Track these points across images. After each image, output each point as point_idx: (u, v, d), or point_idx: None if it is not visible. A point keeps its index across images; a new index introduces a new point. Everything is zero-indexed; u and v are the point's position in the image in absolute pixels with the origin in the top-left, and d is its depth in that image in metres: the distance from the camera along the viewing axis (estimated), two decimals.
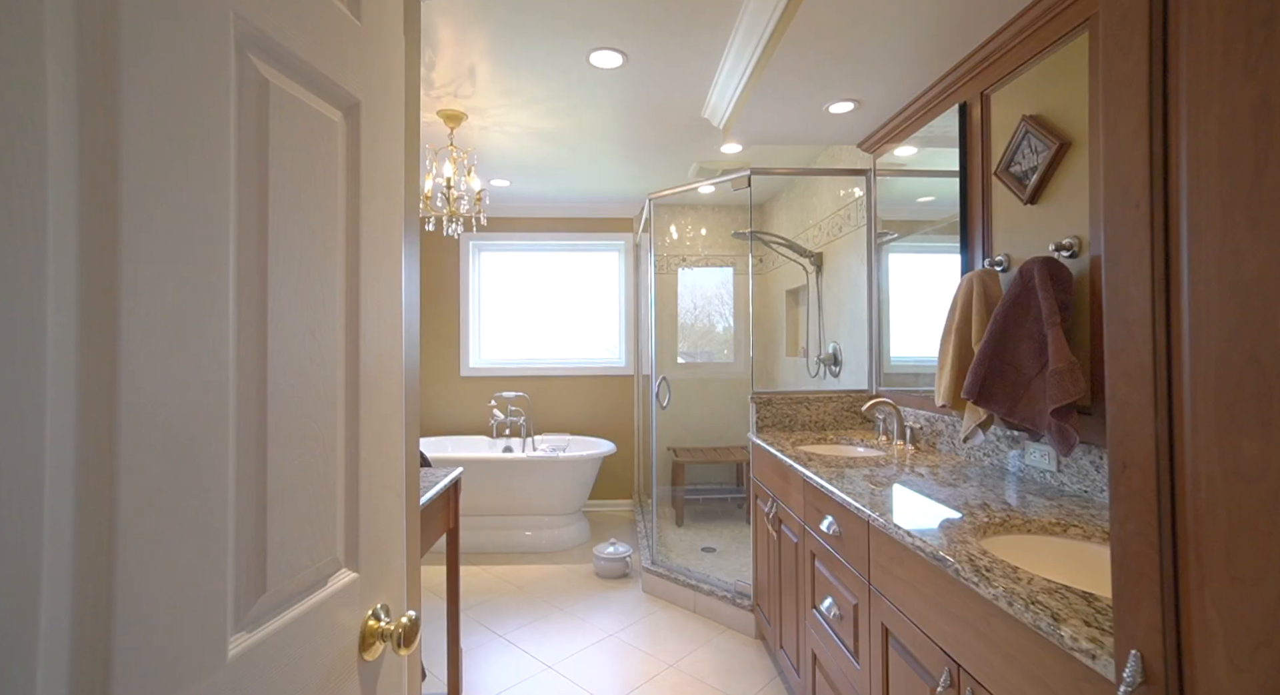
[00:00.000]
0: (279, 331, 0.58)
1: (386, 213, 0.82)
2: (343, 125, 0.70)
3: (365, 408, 0.76)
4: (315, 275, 0.64)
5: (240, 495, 0.52)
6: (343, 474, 0.70)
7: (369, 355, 0.77)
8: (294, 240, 0.60)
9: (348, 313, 0.72)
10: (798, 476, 1.81)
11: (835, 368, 2.96)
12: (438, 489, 1.76)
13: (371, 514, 0.77)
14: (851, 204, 2.78)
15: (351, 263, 0.72)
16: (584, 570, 3.14)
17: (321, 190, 0.65)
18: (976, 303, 1.60)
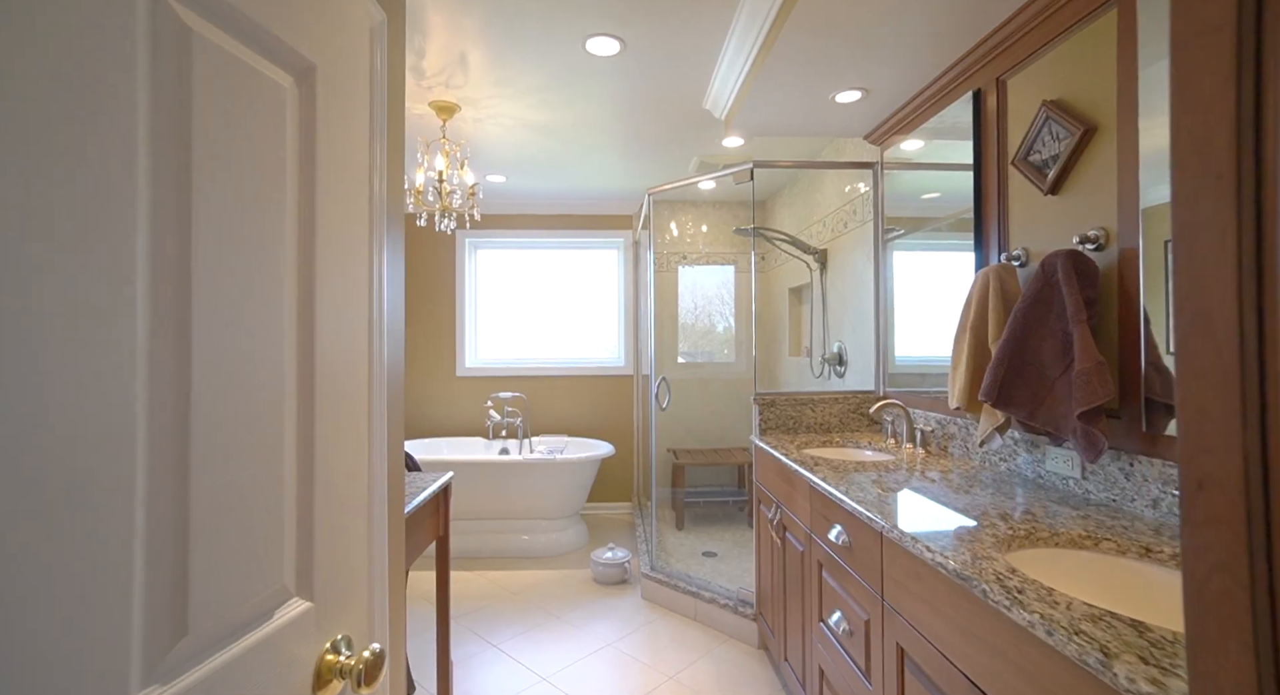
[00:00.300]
0: (207, 330, 0.49)
1: (350, 197, 0.74)
2: (294, 93, 0.61)
3: (323, 414, 0.67)
4: (257, 266, 0.56)
5: (152, 522, 0.44)
6: (293, 490, 0.61)
7: (328, 357, 0.69)
8: (227, 225, 0.52)
9: (301, 309, 0.63)
10: (804, 482, 1.73)
11: (840, 368, 2.87)
12: (424, 496, 1.68)
13: (330, 533, 0.68)
14: (857, 199, 2.69)
15: (305, 253, 0.64)
16: (581, 576, 3.06)
17: (265, 167, 0.57)
18: (993, 299, 1.51)
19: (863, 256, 2.62)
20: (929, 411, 2.03)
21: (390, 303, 1.39)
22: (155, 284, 0.44)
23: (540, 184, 3.76)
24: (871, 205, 2.51)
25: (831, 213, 3.00)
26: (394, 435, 1.40)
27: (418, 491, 1.71)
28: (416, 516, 1.71)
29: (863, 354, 2.62)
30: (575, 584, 2.96)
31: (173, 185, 0.46)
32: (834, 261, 2.97)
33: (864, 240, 2.61)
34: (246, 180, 0.54)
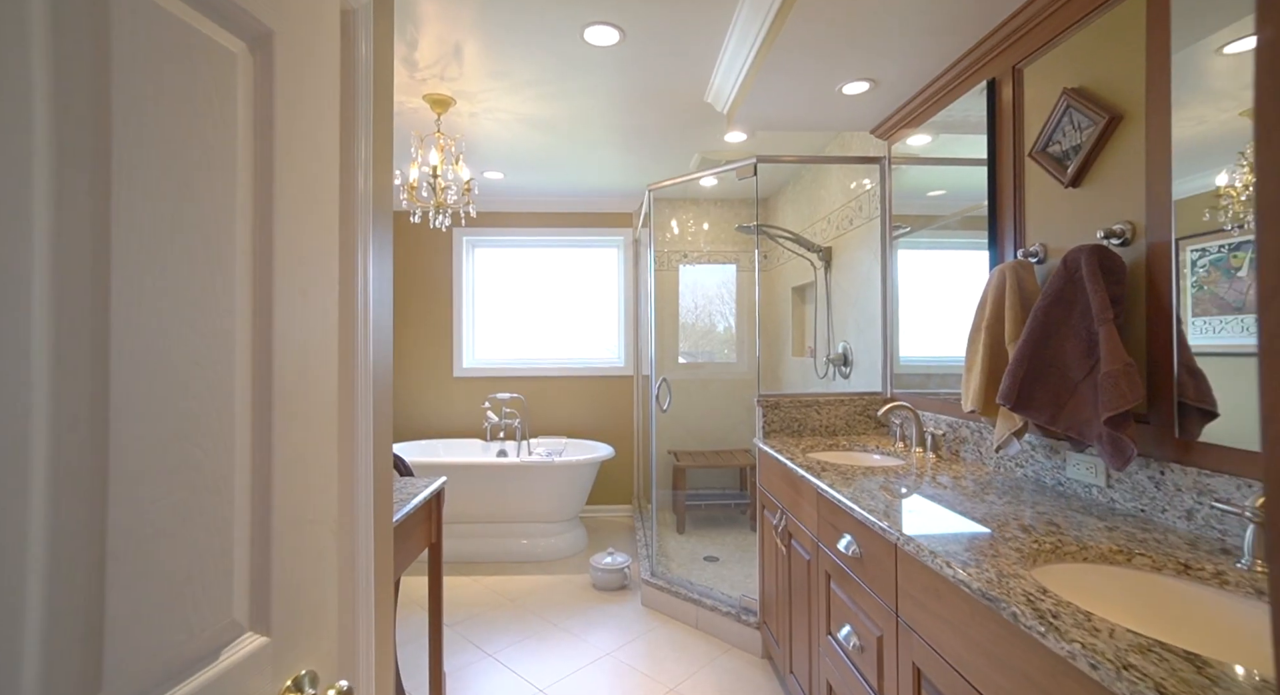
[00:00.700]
0: (132, 330, 0.42)
1: (317, 180, 0.67)
2: (247, 61, 0.54)
3: (283, 423, 0.60)
4: (201, 260, 0.49)
5: (55, 558, 0.37)
6: (246, 511, 0.54)
7: (290, 360, 0.62)
8: (160, 209, 0.45)
9: (256, 309, 0.56)
10: (810, 488, 1.65)
11: (845, 368, 2.80)
12: (414, 504, 1.60)
13: (292, 556, 0.61)
14: (863, 195, 2.62)
15: (261, 247, 0.57)
16: (580, 581, 2.99)
17: (211, 144, 0.50)
18: (1010, 297, 1.44)
19: (869, 254, 2.55)
20: (939, 414, 1.95)
21: (377, 301, 1.33)
22: (60, 281, 0.37)
23: (538, 181, 3.69)
24: (878, 201, 2.44)
25: (836, 210, 2.93)
26: (380, 440, 1.33)
27: (408, 498, 1.64)
28: (406, 525, 1.64)
29: (869, 354, 2.55)
30: (574, 590, 2.89)
31: (87, 165, 0.39)
32: (839, 259, 2.90)
33: (870, 237, 2.54)
34: (185, 159, 0.47)
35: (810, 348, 3.45)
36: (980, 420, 1.69)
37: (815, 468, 1.69)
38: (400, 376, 4.09)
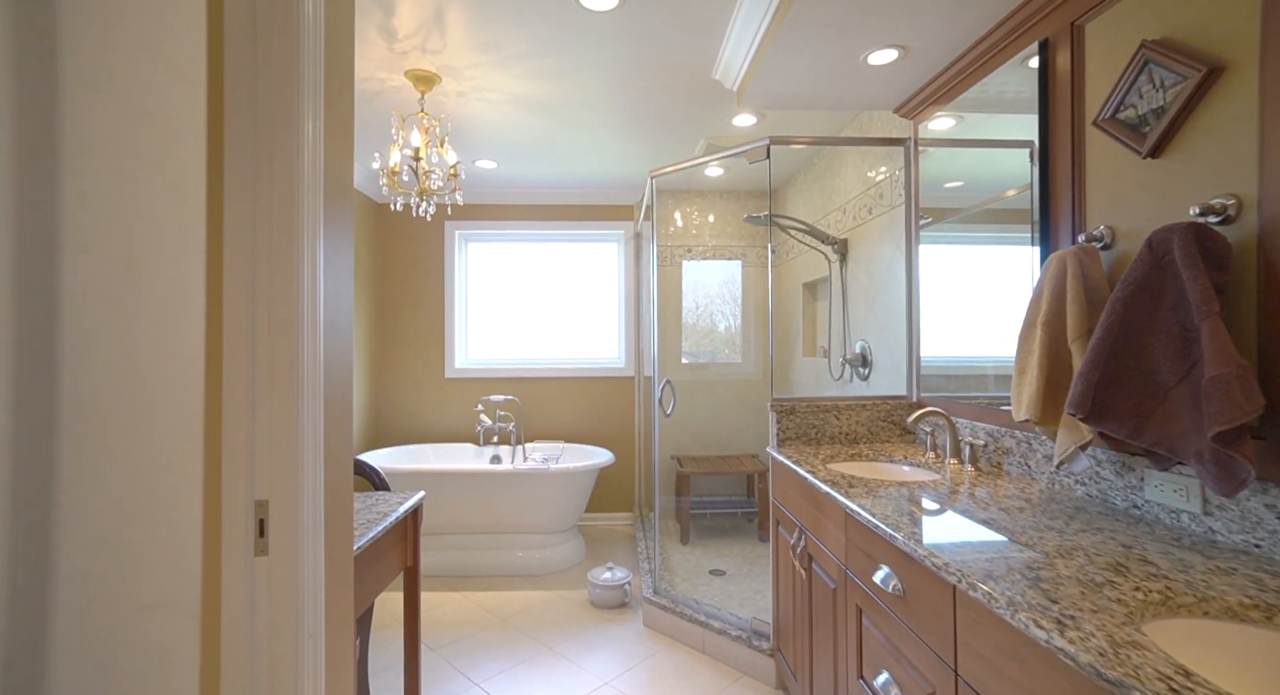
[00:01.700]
0: None
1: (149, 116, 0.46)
2: None
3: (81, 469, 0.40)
4: None
5: None
6: None
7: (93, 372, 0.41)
8: None
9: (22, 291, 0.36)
10: (837, 508, 1.45)
11: (864, 369, 2.60)
12: (383, 525, 1.40)
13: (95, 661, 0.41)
14: (883, 182, 2.41)
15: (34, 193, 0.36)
16: (578, 598, 2.79)
17: None
18: (1073, 288, 1.23)
19: (890, 245, 2.35)
20: (976, 421, 1.75)
21: (331, 296, 1.12)
22: None
23: (534, 170, 3.49)
24: (903, 187, 2.23)
25: (853, 199, 2.73)
26: (336, 457, 1.13)
27: (379, 518, 1.44)
28: (378, 547, 1.44)
29: (890, 354, 2.35)
30: (571, 608, 2.69)
31: None
32: (855, 252, 2.70)
33: (892, 227, 2.33)
34: None
35: (823, 348, 3.24)
36: (1034, 430, 1.48)
37: (841, 483, 1.49)
38: (389, 378, 3.89)
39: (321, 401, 1.05)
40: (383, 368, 3.88)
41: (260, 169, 0.98)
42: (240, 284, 0.97)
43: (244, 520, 0.97)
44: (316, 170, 1.03)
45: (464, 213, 3.92)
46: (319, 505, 1.04)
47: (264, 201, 0.98)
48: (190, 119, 0.89)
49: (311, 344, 1.02)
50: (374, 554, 1.42)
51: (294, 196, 0.99)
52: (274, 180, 0.99)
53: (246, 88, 0.95)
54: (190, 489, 0.96)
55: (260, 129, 0.98)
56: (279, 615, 0.98)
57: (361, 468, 1.82)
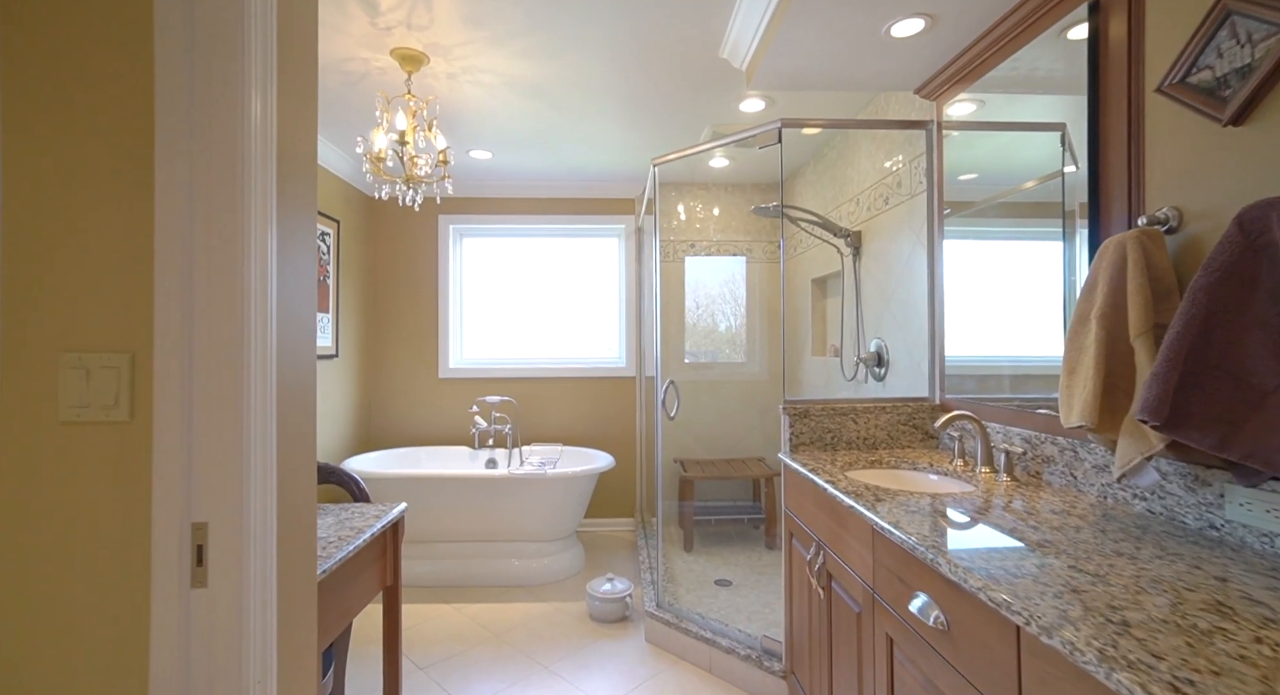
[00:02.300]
0: None
1: None
2: None
3: None
4: None
5: None
6: None
7: None
8: None
9: None
10: (862, 523, 1.30)
11: (879, 369, 2.45)
12: (358, 543, 1.25)
13: None
14: (901, 170, 2.26)
15: None
16: (576, 610, 2.64)
17: None
18: (1135, 278, 1.08)
19: (909, 237, 2.20)
20: (1010, 426, 1.60)
21: (288, 289, 0.98)
22: None
23: (531, 161, 3.34)
24: (923, 175, 2.08)
25: (867, 189, 2.58)
26: (295, 470, 0.98)
27: (352, 535, 1.29)
28: (350, 568, 1.29)
29: (909, 353, 2.20)
30: (569, 621, 2.54)
31: None
32: (870, 245, 2.55)
33: (911, 218, 2.19)
34: None
35: (833, 346, 3.10)
36: (1087, 438, 1.33)
37: (865, 495, 1.34)
38: (380, 378, 3.74)
39: (273, 408, 0.90)
40: (374, 367, 3.74)
41: (197, 142, 0.83)
42: (172, 270, 0.83)
43: (178, 546, 0.82)
44: (267, 145, 0.89)
45: (458, 206, 3.77)
46: (269, 527, 0.89)
47: (202, 180, 0.83)
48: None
49: (260, 343, 0.88)
50: (347, 575, 1.27)
51: (236, 174, 0.84)
52: (213, 156, 0.84)
53: (179, 54, 0.81)
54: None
55: (197, 96, 0.83)
56: (220, 659, 0.83)
57: (339, 476, 1.67)
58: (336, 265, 3.24)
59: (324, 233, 3.10)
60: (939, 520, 1.15)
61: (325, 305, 3.14)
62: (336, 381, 3.28)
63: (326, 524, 1.36)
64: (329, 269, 3.16)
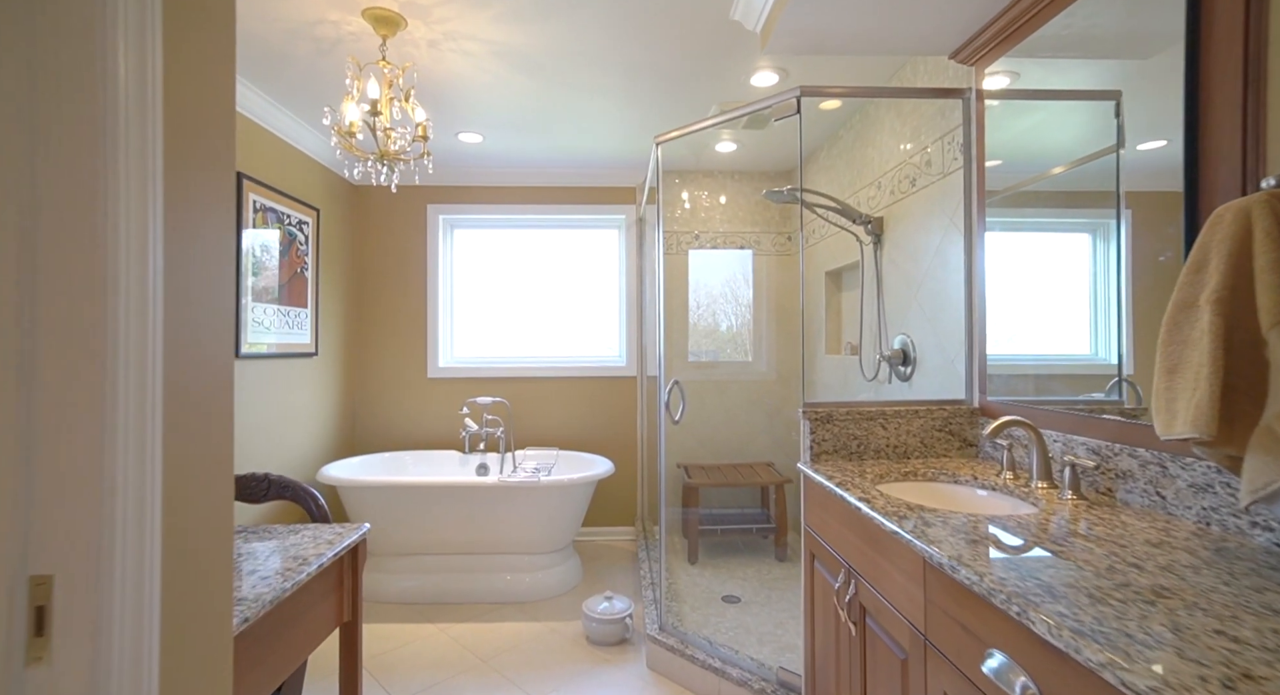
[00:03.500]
0: None
1: None
2: None
3: None
4: None
5: None
6: None
7: None
8: None
9: None
10: (908, 553, 1.08)
11: (904, 368, 2.22)
12: (291, 586, 1.02)
13: None
14: (932, 148, 2.04)
15: None
16: (571, 632, 2.42)
17: None
18: (1266, 252, 0.86)
19: (941, 221, 1.97)
20: (1072, 434, 1.37)
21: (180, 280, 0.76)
22: None
23: (524, 145, 3.12)
24: (960, 150, 1.86)
25: (890, 171, 2.35)
26: (198, 498, 0.76)
27: (296, 567, 1.07)
28: (292, 608, 1.07)
29: (941, 350, 1.97)
30: (563, 644, 2.32)
31: None
32: (893, 232, 2.32)
33: (943, 200, 1.96)
34: None
35: (850, 344, 2.87)
36: (1185, 451, 1.10)
37: (909, 517, 1.12)
38: (365, 378, 3.52)
39: (157, 416, 0.68)
40: (358, 366, 3.52)
41: (41, 86, 0.62)
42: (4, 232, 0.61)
43: (5, 609, 0.60)
44: (146, 89, 0.67)
45: (448, 195, 3.55)
46: (148, 573, 0.67)
47: (49, 135, 0.62)
48: None
49: (136, 332, 0.65)
50: (288, 615, 1.05)
51: (97, 128, 0.62)
52: (62, 102, 0.62)
53: None
54: None
55: (40, 28, 0.61)
56: None
57: (295, 492, 1.45)
58: (316, 257, 3.02)
59: (301, 222, 2.89)
60: (1007, 551, 0.93)
61: (303, 300, 2.92)
62: (316, 381, 3.06)
63: (266, 552, 1.14)
64: (306, 260, 2.94)
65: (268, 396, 2.65)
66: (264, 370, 2.62)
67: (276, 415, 2.72)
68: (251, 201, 2.49)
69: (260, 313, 2.56)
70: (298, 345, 2.87)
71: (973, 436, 1.75)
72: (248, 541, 1.20)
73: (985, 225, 1.73)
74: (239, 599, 0.91)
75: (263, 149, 2.57)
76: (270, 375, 2.67)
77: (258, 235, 2.54)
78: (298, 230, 2.86)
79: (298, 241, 2.86)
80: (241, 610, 0.88)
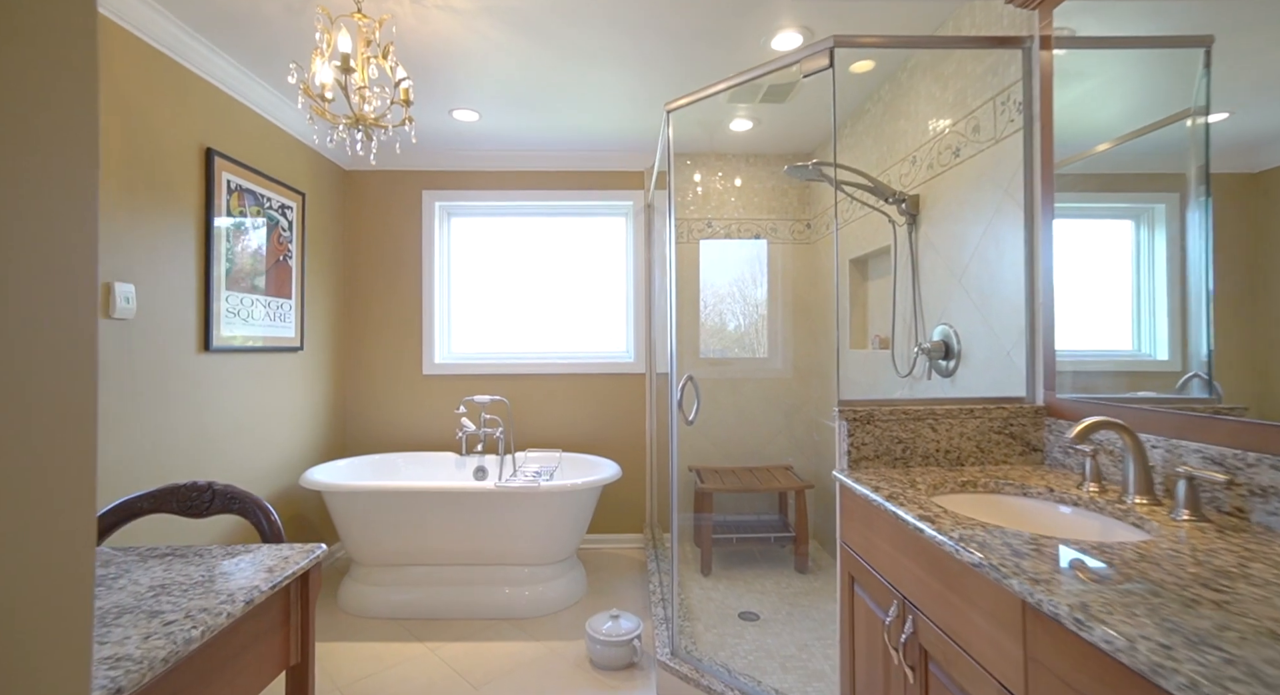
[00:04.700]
0: None
1: None
2: None
3: None
4: None
5: None
6: None
7: None
8: None
9: None
10: (994, 591, 0.84)
11: (947, 362, 1.98)
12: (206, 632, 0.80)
13: None
14: (980, 111, 1.79)
15: None
16: (573, 654, 2.19)
17: None
18: None
19: (993, 193, 1.72)
20: (1178, 439, 1.13)
21: None
22: None
23: (524, 124, 2.90)
24: (1017, 111, 1.61)
25: (928, 142, 2.11)
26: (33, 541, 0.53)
27: (214, 613, 0.85)
28: (216, 654, 0.85)
29: (993, 340, 1.73)
30: (564, 668, 2.09)
31: None
32: (933, 210, 2.08)
33: (995, 169, 1.71)
34: None
35: (878, 337, 2.62)
36: None
37: (992, 545, 0.88)
38: (357, 375, 3.32)
39: None
40: (348, 362, 3.31)
41: None
42: None
43: None
44: None
45: (444, 180, 3.33)
46: None
47: None
48: None
49: None
50: (203, 669, 0.83)
51: None
52: None
53: None
54: None
55: None
56: None
57: (243, 505, 1.23)
58: (301, 245, 2.81)
59: (284, 206, 2.68)
60: (1146, 600, 0.69)
61: (286, 290, 2.71)
62: (301, 378, 2.85)
63: (184, 584, 0.92)
64: (290, 248, 2.73)
65: (247, 394, 2.44)
66: (242, 365, 2.41)
67: (258, 414, 2.51)
68: (225, 181, 2.28)
69: (236, 302, 2.36)
70: (281, 339, 2.66)
71: (1037, 440, 1.50)
72: (168, 569, 0.98)
73: (1054, 194, 1.48)
74: (119, 659, 0.68)
75: (238, 124, 2.36)
76: (249, 371, 2.46)
77: (231, 218, 2.33)
78: (280, 215, 2.65)
79: (280, 227, 2.65)
80: (116, 677, 0.65)
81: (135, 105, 1.86)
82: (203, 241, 2.18)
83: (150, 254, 1.94)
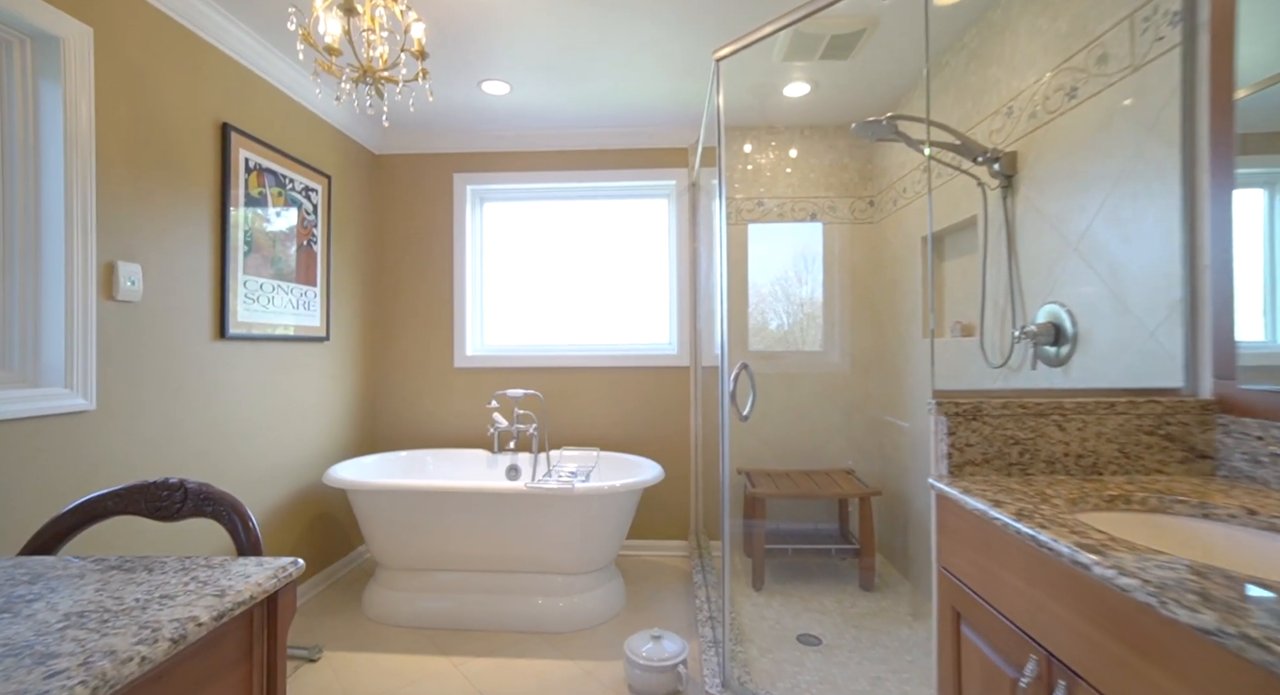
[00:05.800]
0: None
1: None
2: None
3: None
4: None
5: None
6: None
7: None
8: None
9: None
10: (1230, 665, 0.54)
11: (1056, 349, 1.64)
12: None
13: None
14: (1110, 34, 1.45)
15: None
16: (610, 675, 1.95)
17: None
18: None
19: (1128, 135, 1.38)
20: None
21: None
22: None
23: (559, 96, 2.68)
24: (1170, 24, 1.27)
25: (1029, 87, 1.77)
26: None
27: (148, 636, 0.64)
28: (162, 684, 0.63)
29: (1127, 318, 1.39)
30: (599, 692, 1.86)
31: None
32: (1037, 168, 1.74)
33: (1133, 105, 1.37)
34: None
35: (958, 324, 2.28)
36: None
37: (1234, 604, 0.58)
38: (383, 366, 3.18)
39: None
40: (375, 354, 3.18)
41: None
42: None
43: None
44: None
45: (476, 163, 3.16)
46: None
47: None
48: None
49: None
50: None
51: None
52: None
53: None
54: None
55: None
56: None
57: (218, 508, 1.04)
58: (327, 231, 2.68)
59: (309, 189, 2.55)
60: None
61: (312, 277, 2.58)
62: (327, 369, 2.72)
63: (118, 606, 0.72)
64: (315, 233, 2.60)
65: (267, 384, 2.31)
66: (262, 354, 2.28)
67: (280, 406, 2.38)
68: (243, 159, 2.15)
69: (255, 288, 2.23)
70: (306, 327, 2.53)
71: (1206, 443, 1.16)
72: (102, 588, 0.79)
73: (1234, 125, 1.14)
74: None
75: (258, 100, 2.23)
76: (270, 360, 2.33)
77: (250, 199, 2.20)
78: (304, 197, 2.52)
79: (304, 210, 2.52)
80: None
81: (143, 73, 1.73)
82: (218, 221, 2.05)
83: (159, 233, 1.81)
